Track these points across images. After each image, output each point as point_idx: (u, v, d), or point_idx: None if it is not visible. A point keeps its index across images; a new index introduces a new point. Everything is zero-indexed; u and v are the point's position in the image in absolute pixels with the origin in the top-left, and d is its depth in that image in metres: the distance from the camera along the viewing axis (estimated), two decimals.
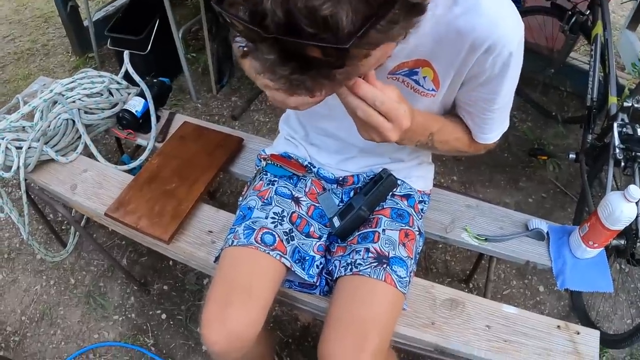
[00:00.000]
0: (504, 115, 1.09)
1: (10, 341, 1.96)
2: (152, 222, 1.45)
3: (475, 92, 1.01)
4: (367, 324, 1.08)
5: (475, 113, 1.07)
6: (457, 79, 1.00)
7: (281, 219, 1.25)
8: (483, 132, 1.11)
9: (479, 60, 0.92)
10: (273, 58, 0.61)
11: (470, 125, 1.12)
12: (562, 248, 1.46)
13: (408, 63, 0.99)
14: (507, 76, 0.95)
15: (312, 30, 0.56)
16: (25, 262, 2.22)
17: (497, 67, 0.93)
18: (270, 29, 0.57)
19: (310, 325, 1.95)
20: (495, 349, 1.24)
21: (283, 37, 0.57)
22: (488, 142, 1.14)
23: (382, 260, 1.16)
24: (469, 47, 0.91)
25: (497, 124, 1.10)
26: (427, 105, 1.07)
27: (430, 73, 1.00)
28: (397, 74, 1.02)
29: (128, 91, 1.86)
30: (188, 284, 2.10)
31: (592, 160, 2.10)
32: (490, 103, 1.02)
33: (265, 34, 0.58)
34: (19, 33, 3.68)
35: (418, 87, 1.03)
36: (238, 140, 1.71)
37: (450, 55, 0.94)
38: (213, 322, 1.10)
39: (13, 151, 1.59)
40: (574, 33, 2.37)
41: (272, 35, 0.57)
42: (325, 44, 0.57)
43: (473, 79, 0.98)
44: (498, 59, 0.91)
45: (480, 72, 0.95)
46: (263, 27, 0.57)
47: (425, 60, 0.98)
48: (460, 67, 0.96)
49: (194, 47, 3.29)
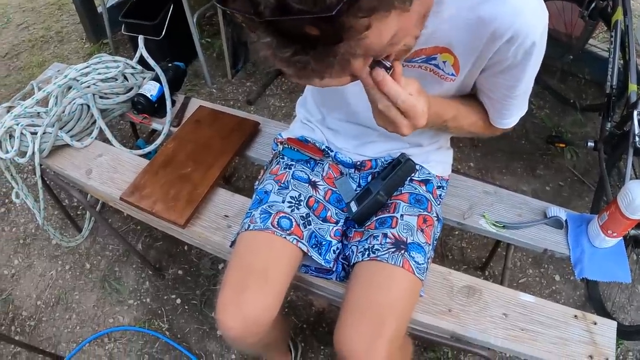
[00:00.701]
0: (523, 101, 1.07)
1: (25, 326, 1.98)
2: (167, 206, 1.44)
3: (496, 78, 1.00)
4: (385, 310, 1.07)
5: (496, 99, 1.05)
6: (477, 66, 0.98)
7: (298, 203, 1.24)
8: (502, 118, 1.10)
9: (500, 49, 0.90)
10: (271, 41, 0.61)
11: (489, 110, 1.10)
12: (581, 237, 1.44)
13: (426, 50, 0.98)
14: (529, 64, 0.94)
15: (301, 6, 0.55)
16: (41, 247, 2.23)
17: (520, 56, 0.91)
18: (264, 14, 0.57)
19: (325, 311, 1.95)
20: (512, 337, 1.23)
21: (273, 18, 0.57)
22: (506, 127, 1.13)
23: (400, 246, 1.15)
24: (491, 36, 0.88)
25: (516, 109, 1.08)
26: (445, 90, 1.06)
27: (450, 58, 0.98)
28: (413, 61, 1.01)
29: (143, 76, 1.85)
30: (203, 269, 2.10)
31: (611, 148, 2.06)
32: (511, 90, 1.01)
33: (259, 19, 0.58)
34: (32, 21, 3.69)
35: (438, 70, 1.01)
36: (254, 124, 1.70)
37: (471, 42, 0.92)
38: (229, 307, 1.09)
39: (28, 137, 1.59)
40: (593, 19, 2.33)
41: (265, 19, 0.57)
42: (312, 15, 0.56)
43: (494, 65, 0.96)
44: (520, 48, 0.89)
45: (502, 60, 0.93)
46: (257, 13, 0.57)
47: (443, 47, 0.96)
48: (481, 54, 0.94)
49: (208, 32, 3.28)
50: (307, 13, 0.56)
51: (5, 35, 3.56)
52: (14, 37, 3.53)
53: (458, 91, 1.09)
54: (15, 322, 1.99)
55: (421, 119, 0.85)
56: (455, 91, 1.08)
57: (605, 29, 2.77)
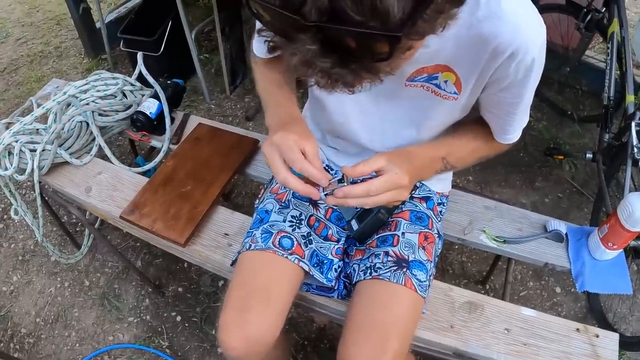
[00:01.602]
0: (525, 114, 1.07)
1: (25, 343, 1.96)
2: (167, 225, 1.44)
3: (498, 96, 1.00)
4: (388, 329, 1.07)
5: (499, 115, 1.06)
6: (479, 83, 0.98)
7: (299, 222, 1.24)
8: (506, 133, 1.10)
9: (502, 65, 0.91)
10: (314, 49, 0.57)
11: (493, 127, 1.10)
12: (581, 249, 1.44)
13: (427, 69, 0.98)
14: (530, 80, 0.94)
15: (360, 17, 0.52)
16: (40, 264, 2.22)
17: (520, 73, 0.91)
18: (311, 16, 0.53)
19: (327, 328, 1.94)
20: (515, 352, 1.22)
21: (327, 24, 0.53)
22: (510, 142, 1.13)
23: (401, 264, 1.14)
24: (492, 52, 0.89)
25: (519, 123, 1.08)
26: (449, 109, 1.06)
27: (451, 77, 0.98)
28: (415, 80, 1.01)
29: (142, 93, 1.86)
30: (203, 286, 2.10)
31: (610, 159, 2.07)
32: (513, 106, 1.01)
33: (305, 21, 0.54)
34: (31, 35, 3.70)
35: (439, 90, 1.01)
36: (253, 142, 1.70)
37: (472, 59, 0.93)
38: (231, 327, 1.09)
39: (27, 154, 1.59)
40: (589, 31, 2.34)
41: (314, 23, 0.54)
42: (377, 32, 0.54)
43: (495, 83, 0.96)
44: (521, 64, 0.89)
45: (503, 77, 0.93)
46: (302, 14, 0.53)
47: (445, 65, 0.96)
48: (483, 71, 0.94)
49: (206, 47, 3.29)
50: (364, 25, 0.53)
51: (4, 49, 3.57)
52: (12, 51, 3.54)
53: (462, 111, 1.09)
54: (14, 339, 1.98)
55: (402, 180, 0.93)
56: (460, 111, 1.09)
57: (601, 40, 2.79)
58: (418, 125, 1.13)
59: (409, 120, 1.12)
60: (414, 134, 1.14)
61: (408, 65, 0.97)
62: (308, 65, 0.61)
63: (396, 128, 1.15)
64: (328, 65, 0.59)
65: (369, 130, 1.17)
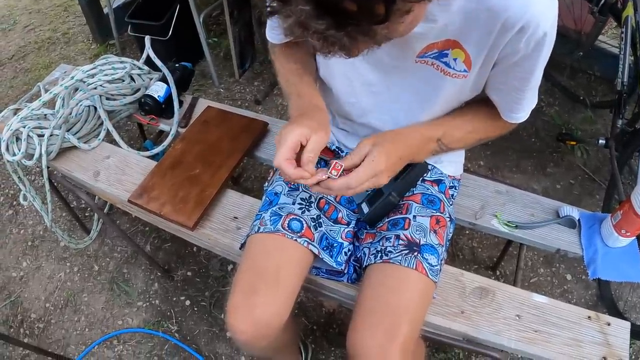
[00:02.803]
0: (534, 93, 1.05)
1: (34, 328, 1.98)
2: (176, 208, 1.43)
3: (508, 72, 0.98)
4: (398, 313, 1.06)
5: (507, 91, 1.03)
6: (489, 59, 0.96)
7: (308, 205, 1.22)
8: (514, 112, 1.07)
9: (511, 40, 0.88)
10: (308, 9, 0.58)
11: (500, 105, 1.08)
12: (594, 236, 1.42)
13: (437, 44, 0.96)
14: (541, 56, 0.92)
15: None
16: (49, 249, 2.23)
17: (531, 47, 0.89)
18: None
19: (336, 312, 1.94)
20: (526, 339, 1.21)
21: None
22: (518, 120, 1.10)
23: (413, 247, 1.13)
24: (501, 27, 0.87)
25: (528, 102, 1.06)
26: (459, 88, 1.04)
27: (461, 54, 0.96)
28: (425, 57, 0.99)
29: (150, 76, 1.84)
30: (212, 270, 2.10)
31: (622, 146, 2.04)
32: (523, 82, 0.99)
33: None
34: (39, 22, 3.69)
35: (448, 69, 0.99)
36: (263, 124, 1.68)
37: (481, 34, 0.91)
38: (239, 311, 1.08)
39: (35, 139, 1.59)
40: (603, 15, 2.30)
41: None
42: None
43: (506, 59, 0.94)
44: (532, 38, 0.87)
45: (513, 52, 0.91)
46: None
47: (454, 41, 0.94)
48: (492, 46, 0.92)
49: (215, 31, 3.27)
50: None
51: (12, 37, 3.57)
52: (20, 39, 3.54)
53: (472, 90, 1.07)
54: (24, 324, 1.99)
55: (379, 165, 0.98)
56: (470, 90, 1.07)
57: (615, 25, 2.74)
58: (428, 105, 1.11)
59: (418, 100, 1.10)
60: (423, 114, 1.13)
61: (417, 42, 0.96)
62: (303, 27, 0.61)
63: (406, 108, 1.13)
64: (323, 27, 0.59)
65: (379, 110, 1.16)
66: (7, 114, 1.73)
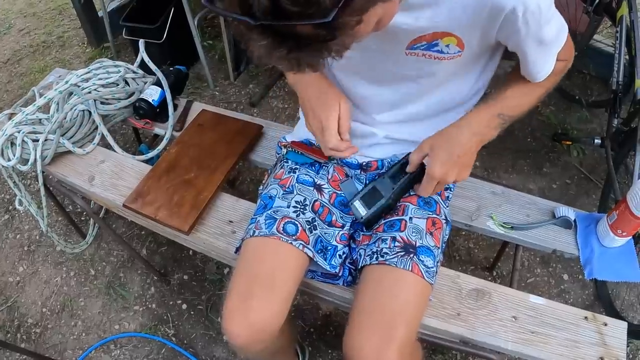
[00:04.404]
0: (562, 39, 1.06)
1: (31, 333, 1.97)
2: (171, 212, 1.43)
3: (523, 44, 0.99)
4: (394, 316, 1.06)
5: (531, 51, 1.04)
6: (484, 40, 0.99)
7: (303, 208, 1.22)
8: (541, 71, 1.09)
9: (505, 23, 0.91)
10: (266, 43, 0.65)
11: (529, 70, 1.09)
12: (590, 236, 1.42)
13: (425, 37, 0.98)
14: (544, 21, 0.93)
15: (297, 9, 0.59)
16: (45, 254, 2.23)
17: (531, 22, 0.91)
18: (257, 16, 0.60)
19: (332, 314, 1.93)
20: (522, 340, 1.21)
21: (270, 22, 0.60)
22: (546, 76, 1.11)
23: (409, 249, 1.13)
24: (489, 11, 0.89)
25: (552, 58, 1.08)
26: (454, 67, 1.07)
27: (452, 40, 0.98)
28: (414, 49, 1.01)
29: (144, 80, 1.84)
30: (208, 274, 2.09)
31: (618, 145, 2.04)
32: (549, 44, 1.02)
33: (253, 22, 0.61)
34: (34, 26, 3.68)
35: (441, 54, 1.02)
36: (257, 128, 1.68)
37: (470, 22, 0.93)
38: (235, 315, 1.08)
39: (30, 144, 1.58)
40: (598, 15, 2.30)
41: (260, 23, 0.60)
42: (311, 20, 0.60)
43: (511, 37, 0.97)
44: (528, 15, 0.89)
45: (515, 31, 0.94)
46: (251, 15, 0.60)
47: (443, 32, 0.96)
48: (485, 31, 0.95)
49: (210, 34, 3.26)
50: (302, 15, 0.59)
51: (7, 40, 3.56)
52: (15, 42, 3.53)
53: (472, 62, 1.10)
54: (20, 329, 1.99)
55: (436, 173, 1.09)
56: (471, 63, 1.10)
57: (610, 24, 2.74)
58: (428, 90, 1.15)
59: (418, 88, 1.14)
60: (429, 97, 1.17)
61: (404, 36, 0.99)
62: (269, 56, 0.67)
63: (406, 98, 1.17)
64: (284, 53, 0.66)
65: (373, 109, 1.18)
66: (2, 119, 1.72)
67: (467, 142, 1.08)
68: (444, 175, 1.08)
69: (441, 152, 1.08)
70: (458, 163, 1.09)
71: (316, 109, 1.16)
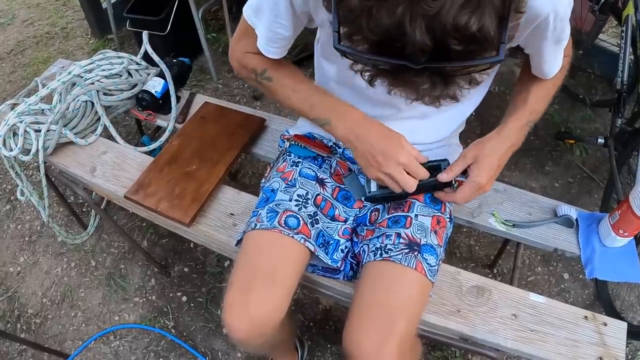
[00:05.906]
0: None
1: (31, 323, 1.97)
2: (172, 204, 1.43)
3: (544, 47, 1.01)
4: (395, 312, 1.06)
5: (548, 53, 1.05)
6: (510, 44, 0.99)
7: (305, 202, 1.22)
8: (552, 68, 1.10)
9: (536, 28, 0.92)
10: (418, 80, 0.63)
11: (543, 68, 1.10)
12: (591, 236, 1.41)
13: None
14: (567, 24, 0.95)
15: (461, 47, 0.57)
16: (46, 244, 2.23)
17: (558, 28, 0.93)
18: (417, 58, 0.57)
19: (332, 309, 1.93)
20: (522, 338, 1.21)
21: (434, 64, 0.58)
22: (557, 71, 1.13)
23: (413, 247, 1.13)
24: (525, 19, 0.88)
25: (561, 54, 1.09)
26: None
27: None
28: None
29: (147, 72, 1.83)
30: (209, 266, 2.09)
31: (621, 145, 2.03)
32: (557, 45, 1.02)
33: (415, 65, 0.58)
34: (37, 17, 3.68)
35: None
36: (260, 121, 1.68)
37: None
38: (235, 308, 1.08)
39: (32, 134, 1.58)
40: (603, 14, 2.29)
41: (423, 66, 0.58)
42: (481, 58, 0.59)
43: (537, 41, 0.98)
44: (557, 22, 0.90)
45: (543, 36, 0.95)
46: (408, 58, 0.57)
47: None
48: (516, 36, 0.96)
49: (213, 27, 3.25)
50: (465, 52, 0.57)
51: (10, 31, 3.55)
52: (19, 33, 3.52)
53: None
54: (21, 319, 1.99)
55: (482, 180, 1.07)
56: None
57: (615, 23, 2.73)
58: None
59: None
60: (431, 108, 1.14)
61: None
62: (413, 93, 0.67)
63: None
64: (428, 87, 0.64)
65: (379, 106, 1.16)
66: (4, 109, 1.72)
67: (506, 152, 1.09)
68: (488, 183, 1.09)
69: (487, 162, 1.07)
70: (498, 172, 1.11)
71: (387, 150, 1.04)
